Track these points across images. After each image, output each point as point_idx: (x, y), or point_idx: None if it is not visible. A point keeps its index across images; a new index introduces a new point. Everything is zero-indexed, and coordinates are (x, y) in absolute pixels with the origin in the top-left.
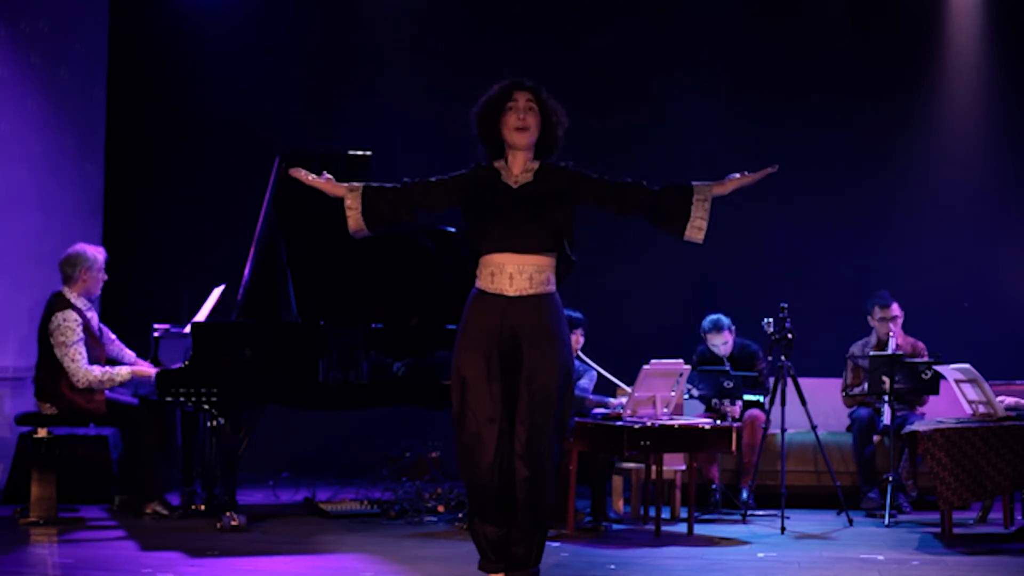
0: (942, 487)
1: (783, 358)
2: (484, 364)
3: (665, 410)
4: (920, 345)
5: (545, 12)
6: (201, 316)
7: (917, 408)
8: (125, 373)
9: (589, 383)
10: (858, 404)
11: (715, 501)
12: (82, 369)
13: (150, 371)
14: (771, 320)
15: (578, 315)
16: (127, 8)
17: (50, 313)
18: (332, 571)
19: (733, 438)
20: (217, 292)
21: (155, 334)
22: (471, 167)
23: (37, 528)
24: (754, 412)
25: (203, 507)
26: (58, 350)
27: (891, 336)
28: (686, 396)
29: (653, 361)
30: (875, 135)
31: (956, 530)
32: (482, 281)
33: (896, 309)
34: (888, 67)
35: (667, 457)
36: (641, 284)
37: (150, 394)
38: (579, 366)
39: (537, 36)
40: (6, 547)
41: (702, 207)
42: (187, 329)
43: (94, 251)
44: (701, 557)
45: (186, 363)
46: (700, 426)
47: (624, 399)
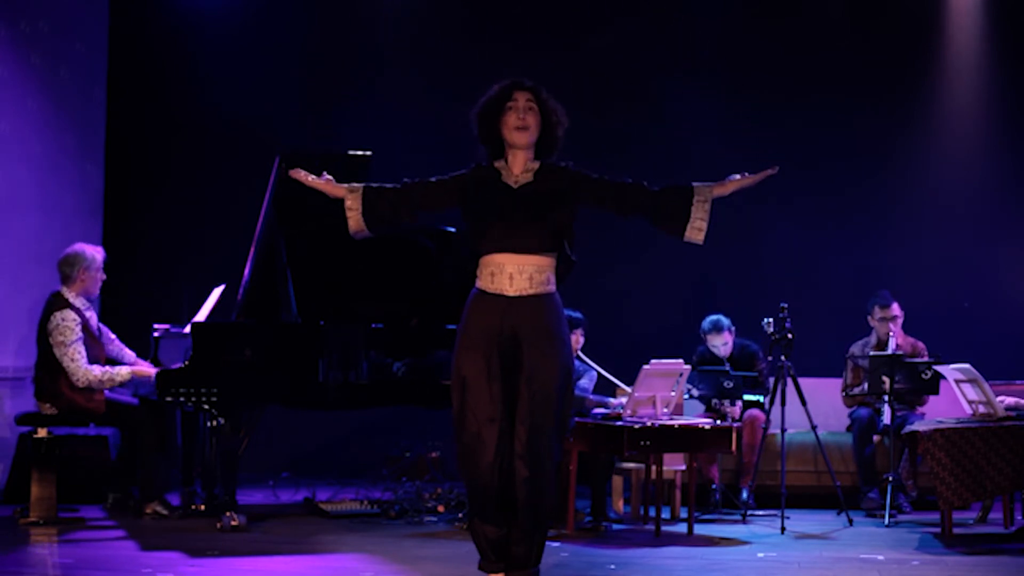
0: (942, 487)
1: (783, 358)
2: (484, 364)
3: (665, 410)
4: (920, 345)
5: (545, 12)
6: (201, 316)
7: (917, 408)
8: (125, 373)
9: (589, 383)
10: (858, 404)
11: (715, 501)
12: (82, 368)
13: (150, 371)
14: (771, 320)
15: (578, 315)
16: (127, 8)
17: (49, 313)
18: (332, 571)
19: (733, 438)
20: (217, 292)
21: (155, 334)
22: (471, 167)
23: (37, 528)
24: (754, 412)
25: (203, 507)
26: (57, 350)
27: (891, 336)
28: (686, 396)
29: (653, 361)
30: (875, 135)
31: (956, 530)
32: (482, 281)
33: (896, 309)
34: (888, 67)
35: (667, 457)
36: (641, 284)
37: (150, 394)
38: (579, 366)
39: (537, 36)
40: (6, 547)
41: (702, 208)
42: (187, 329)
43: (93, 251)
44: (701, 557)
45: (186, 363)
46: (700, 426)
47: (624, 399)
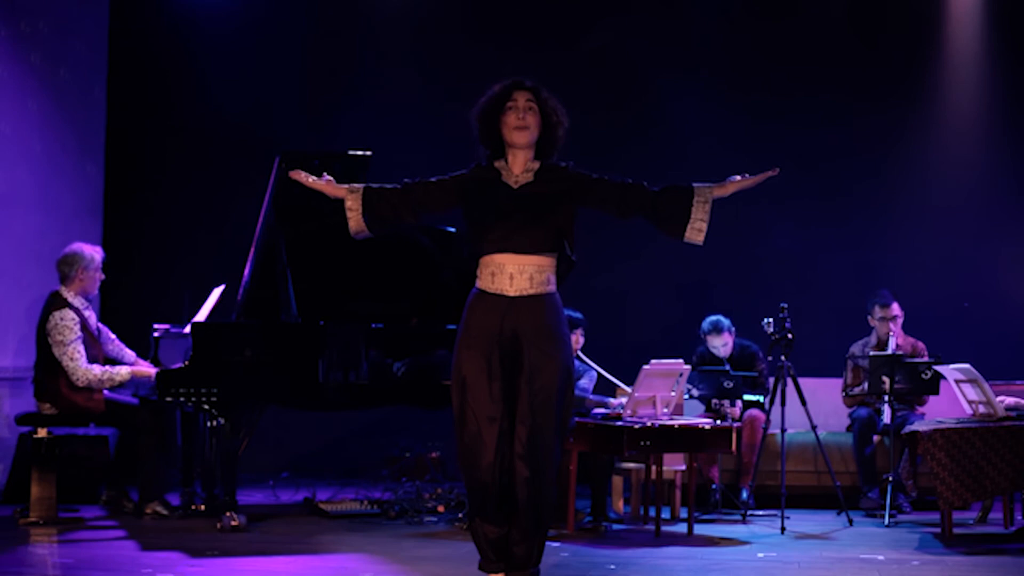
0: (942, 487)
1: (783, 358)
2: (484, 364)
3: (665, 410)
4: (920, 345)
5: (545, 12)
6: (201, 316)
7: (917, 408)
8: (125, 373)
9: (589, 383)
10: (858, 404)
11: (715, 501)
12: (81, 368)
13: (150, 371)
14: (771, 320)
15: (578, 315)
16: (127, 8)
17: (47, 312)
18: (332, 571)
19: (733, 438)
20: (217, 292)
21: (155, 334)
22: (471, 167)
23: (37, 528)
24: (754, 412)
25: (203, 507)
26: (56, 349)
27: (891, 336)
28: (686, 396)
29: (653, 361)
30: (875, 135)
31: (956, 530)
32: (482, 281)
33: (896, 309)
34: (888, 67)
35: (667, 457)
36: (641, 284)
37: (150, 394)
38: (579, 366)
39: (537, 36)
40: (6, 547)
41: (702, 209)
42: (187, 329)
43: (91, 250)
44: (701, 557)
45: (186, 363)
46: (700, 426)
47: (624, 399)
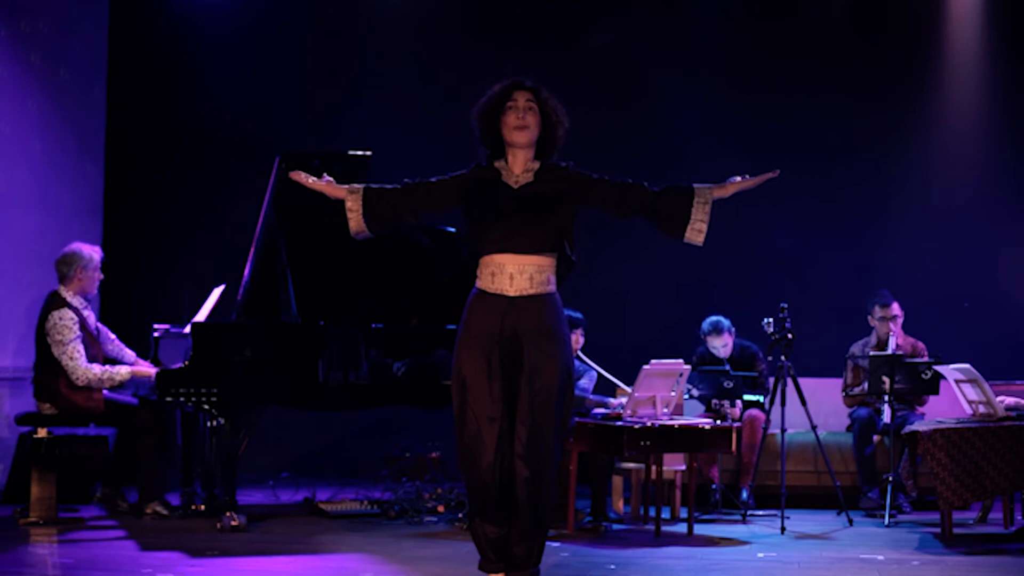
0: (942, 487)
1: (783, 358)
2: (484, 364)
3: (665, 410)
4: (920, 345)
5: (545, 12)
6: (201, 316)
7: (917, 408)
8: (125, 373)
9: (589, 383)
10: (858, 404)
11: (715, 501)
12: (81, 367)
13: (150, 371)
14: (771, 320)
15: (578, 315)
16: (127, 8)
17: (46, 312)
18: (332, 571)
19: (733, 438)
20: (217, 292)
21: (155, 334)
22: (471, 167)
23: (37, 528)
24: (754, 412)
25: (203, 507)
26: (56, 348)
27: (891, 336)
28: (686, 396)
29: (653, 361)
30: (875, 135)
31: (956, 530)
32: (482, 281)
33: (896, 308)
34: (888, 67)
35: (667, 457)
36: (641, 284)
37: (150, 394)
38: (579, 366)
39: (537, 36)
40: (6, 547)
41: (702, 210)
42: (187, 329)
43: (90, 250)
44: (701, 557)
45: (186, 363)
46: (700, 426)
47: (624, 399)
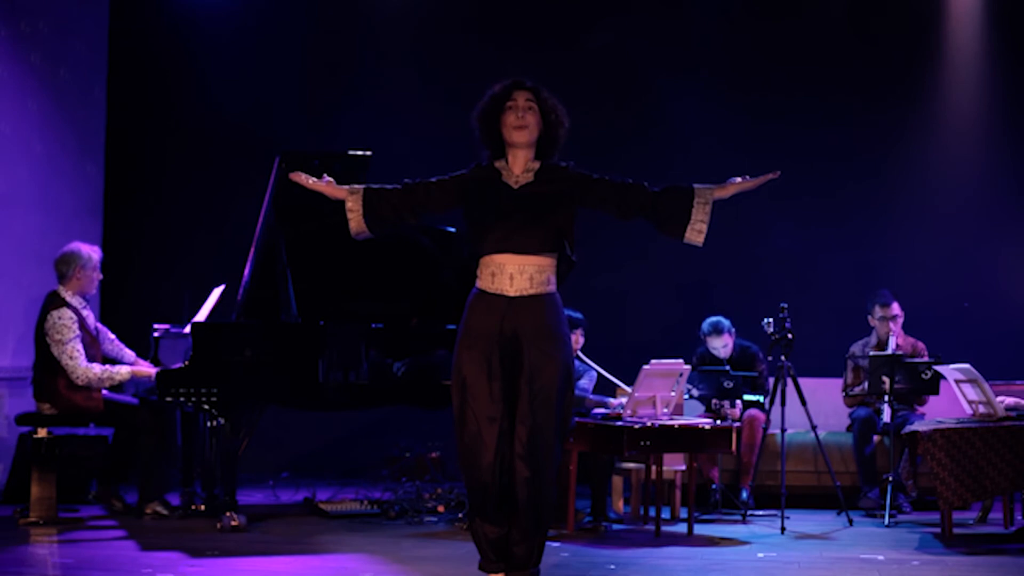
0: (942, 487)
1: (783, 358)
2: (484, 364)
3: (665, 410)
4: (920, 345)
5: (545, 12)
6: (201, 316)
7: (917, 408)
8: (125, 372)
9: (589, 383)
10: (858, 404)
11: (715, 501)
12: (81, 366)
13: (150, 371)
14: (771, 320)
15: (578, 315)
16: (127, 8)
17: (46, 312)
18: (332, 571)
19: (733, 438)
20: (217, 292)
21: (155, 334)
22: (471, 167)
23: (37, 528)
24: (754, 412)
25: (203, 507)
26: (55, 348)
27: (891, 336)
28: (686, 396)
29: (653, 361)
30: (875, 135)
31: (956, 530)
32: (482, 281)
33: (896, 308)
34: (888, 67)
35: (667, 457)
36: (641, 284)
37: (150, 394)
38: (579, 366)
39: (537, 36)
40: (6, 547)
41: (703, 210)
42: (187, 329)
43: (89, 250)
44: (701, 557)
45: (186, 363)
46: (700, 426)
47: (624, 399)
